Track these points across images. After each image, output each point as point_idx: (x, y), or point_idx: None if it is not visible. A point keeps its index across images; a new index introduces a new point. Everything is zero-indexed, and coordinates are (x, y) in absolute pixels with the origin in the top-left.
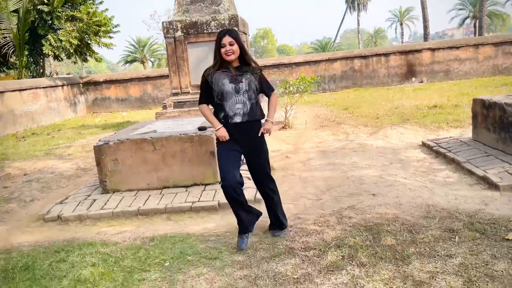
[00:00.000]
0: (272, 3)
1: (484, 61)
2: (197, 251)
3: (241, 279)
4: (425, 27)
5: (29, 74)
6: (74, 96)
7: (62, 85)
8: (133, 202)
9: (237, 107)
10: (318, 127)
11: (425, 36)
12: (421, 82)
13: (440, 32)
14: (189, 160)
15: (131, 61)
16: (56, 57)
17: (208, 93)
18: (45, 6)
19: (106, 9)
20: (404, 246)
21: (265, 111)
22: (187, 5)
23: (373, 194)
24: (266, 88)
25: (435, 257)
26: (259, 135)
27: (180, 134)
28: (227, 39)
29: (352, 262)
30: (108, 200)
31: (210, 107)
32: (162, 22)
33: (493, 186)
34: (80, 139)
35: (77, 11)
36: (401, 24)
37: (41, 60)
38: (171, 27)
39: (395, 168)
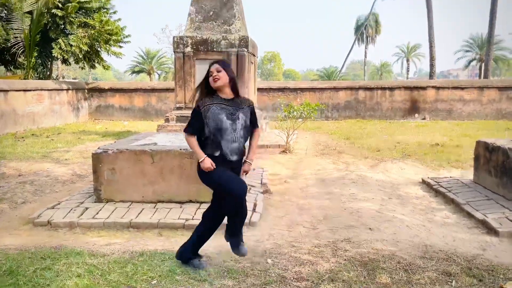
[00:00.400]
0: (283, 27)
1: (488, 104)
2: (186, 271)
3: None
4: (431, 65)
5: (36, 75)
6: (78, 101)
7: (67, 89)
8: (126, 214)
9: (234, 146)
10: (319, 154)
11: (431, 74)
12: (424, 119)
13: (445, 72)
14: (186, 176)
15: (138, 72)
16: (65, 61)
17: (199, 125)
18: (59, 10)
19: (119, 19)
20: (399, 285)
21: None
22: (199, 22)
23: (370, 228)
24: (254, 123)
25: None
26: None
27: (180, 149)
28: (214, 67)
29: None
30: (100, 210)
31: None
32: (173, 37)
33: (492, 231)
34: (79, 144)
35: (90, 18)
36: (408, 60)
37: (49, 63)
38: (182, 42)
39: (394, 203)
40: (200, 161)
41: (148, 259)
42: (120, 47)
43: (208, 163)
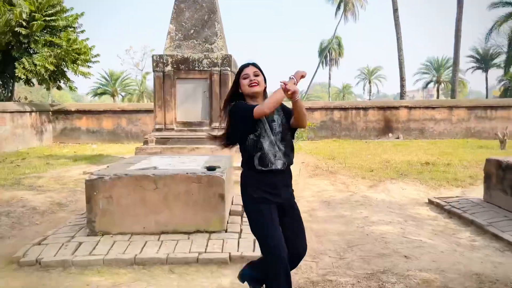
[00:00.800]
0: (248, 49)
1: (458, 123)
2: None
3: None
4: (402, 86)
5: None
6: (42, 124)
7: (31, 111)
8: (127, 248)
9: (276, 150)
10: (312, 175)
11: (401, 94)
12: (397, 138)
13: (400, 91)
14: (194, 203)
15: (101, 94)
16: (28, 82)
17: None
18: (23, 29)
19: (87, 38)
20: None
21: None
22: (179, 40)
23: (405, 256)
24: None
25: None
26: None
27: (187, 173)
28: (251, 69)
29: None
30: (97, 244)
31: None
32: (152, 56)
33: None
34: (50, 169)
35: (56, 37)
36: (369, 82)
37: (11, 84)
38: (161, 61)
39: (412, 226)
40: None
41: None
42: (89, 67)
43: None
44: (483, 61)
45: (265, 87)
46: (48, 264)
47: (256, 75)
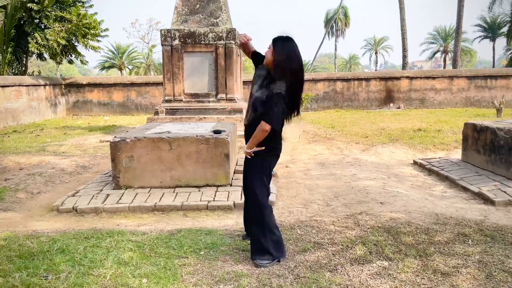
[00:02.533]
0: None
1: (458, 92)
2: (228, 243)
3: (279, 268)
4: (404, 56)
5: (11, 71)
6: (56, 96)
7: (45, 85)
8: (148, 198)
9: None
10: (311, 142)
11: (404, 65)
12: (399, 108)
13: (410, 63)
14: (203, 161)
15: (109, 67)
16: (40, 56)
17: None
18: (34, 4)
19: (96, 13)
20: (424, 245)
21: None
22: (186, 15)
23: (381, 203)
24: (262, 112)
25: (454, 255)
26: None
27: (197, 136)
28: (270, 44)
29: (380, 257)
30: (122, 195)
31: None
32: (160, 30)
33: (488, 201)
34: (69, 139)
35: (66, 12)
36: (376, 53)
37: (24, 58)
38: (169, 35)
39: (394, 181)
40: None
41: (188, 235)
42: (98, 41)
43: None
44: (491, 30)
45: (277, 62)
46: (83, 210)
47: (268, 47)
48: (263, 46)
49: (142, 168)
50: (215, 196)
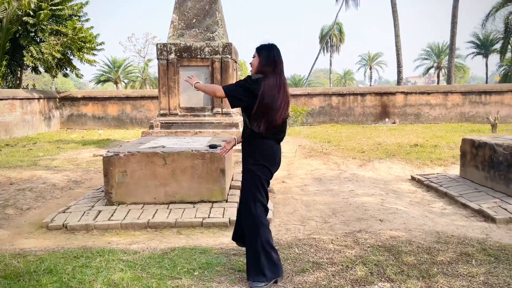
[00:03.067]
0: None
1: (453, 108)
2: (223, 262)
3: None
4: (399, 72)
5: (5, 84)
6: (50, 110)
7: (39, 98)
8: (141, 215)
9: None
10: (307, 156)
11: (399, 80)
12: (394, 123)
13: (404, 79)
14: (198, 176)
15: (104, 81)
16: (35, 70)
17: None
18: (30, 18)
19: (92, 27)
20: (427, 266)
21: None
22: (182, 29)
23: (380, 220)
24: None
25: (458, 276)
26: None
27: (192, 150)
28: (255, 53)
29: (382, 278)
30: (114, 212)
31: None
32: (156, 44)
33: (489, 218)
34: (62, 153)
35: (62, 26)
36: (370, 68)
37: (19, 72)
38: (165, 49)
39: (392, 197)
40: None
41: (182, 254)
42: (94, 54)
43: None
44: (483, 47)
45: (262, 66)
46: (73, 227)
47: (253, 57)
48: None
49: (135, 183)
50: (210, 212)
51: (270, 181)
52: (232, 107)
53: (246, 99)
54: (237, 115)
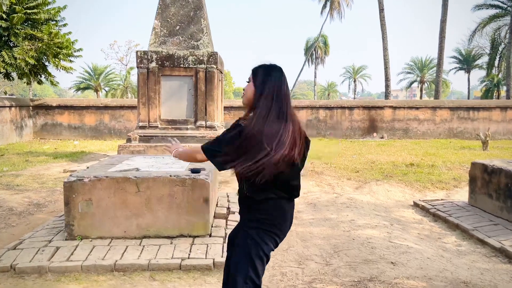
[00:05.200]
0: (232, 46)
1: (441, 123)
2: None
3: None
4: (387, 86)
5: None
6: (22, 119)
7: (10, 106)
8: (107, 253)
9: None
10: None
11: (386, 94)
12: (382, 137)
13: (385, 91)
14: (177, 206)
15: (84, 88)
16: (7, 76)
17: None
18: (3, 21)
19: (69, 32)
20: None
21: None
22: (164, 36)
23: (392, 263)
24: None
25: None
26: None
27: (170, 176)
28: (250, 76)
29: None
30: (75, 249)
31: None
32: (136, 52)
33: None
34: (29, 167)
35: (37, 31)
36: (354, 81)
37: None
38: (146, 57)
39: (398, 229)
40: None
41: None
42: (71, 61)
43: None
44: (466, 62)
45: (256, 97)
46: (23, 270)
47: (247, 82)
48: (242, 73)
49: (102, 214)
50: (190, 251)
51: None
52: (220, 170)
53: (237, 158)
54: (221, 129)
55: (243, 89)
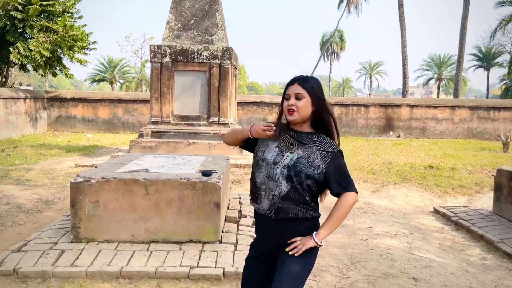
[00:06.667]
0: (248, 40)
1: (460, 123)
2: None
3: None
4: (404, 83)
5: None
6: (37, 111)
7: (25, 98)
8: (114, 258)
9: (269, 186)
10: None
11: (404, 92)
12: (398, 136)
13: (402, 89)
14: (187, 210)
15: (99, 80)
16: (22, 67)
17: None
18: (18, 13)
19: (85, 25)
20: None
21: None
22: (178, 31)
23: (414, 278)
24: (339, 181)
25: None
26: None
27: (180, 178)
28: (294, 89)
29: None
30: (80, 253)
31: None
32: (150, 46)
33: None
34: (41, 161)
35: (53, 23)
36: (370, 77)
37: (5, 69)
38: (159, 51)
39: (419, 239)
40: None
41: None
42: (85, 54)
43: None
44: (485, 60)
45: (324, 111)
46: (26, 275)
47: (298, 99)
48: (259, 68)
49: (109, 216)
50: (199, 258)
51: None
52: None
53: None
54: (234, 125)
55: (292, 105)
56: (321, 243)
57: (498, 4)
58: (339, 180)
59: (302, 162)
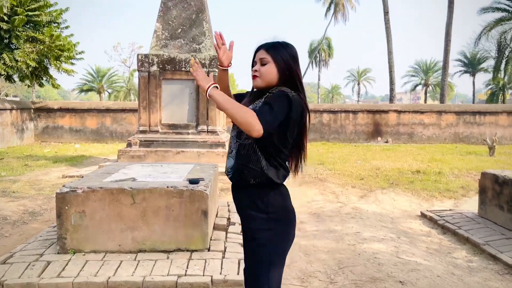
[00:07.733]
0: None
1: (446, 128)
2: None
3: None
4: (391, 89)
5: None
6: (23, 121)
7: (11, 109)
8: (100, 269)
9: (231, 149)
10: (302, 183)
11: (391, 98)
12: (386, 142)
13: (389, 95)
14: (174, 219)
15: (87, 90)
16: (8, 78)
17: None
18: (4, 23)
19: (71, 35)
20: None
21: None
22: (166, 40)
23: (400, 282)
24: (256, 109)
25: None
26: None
27: (167, 187)
28: (259, 55)
29: None
30: (67, 264)
31: None
32: (137, 55)
33: None
34: (27, 172)
35: (39, 33)
36: (358, 84)
37: None
38: (147, 60)
39: (406, 243)
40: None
41: None
42: (72, 64)
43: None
44: (471, 65)
45: (283, 71)
46: (12, 287)
47: (263, 64)
48: (249, 76)
49: (96, 226)
50: (187, 266)
51: None
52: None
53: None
54: (223, 133)
55: (256, 70)
56: (207, 92)
57: (482, 11)
58: (257, 109)
59: None
